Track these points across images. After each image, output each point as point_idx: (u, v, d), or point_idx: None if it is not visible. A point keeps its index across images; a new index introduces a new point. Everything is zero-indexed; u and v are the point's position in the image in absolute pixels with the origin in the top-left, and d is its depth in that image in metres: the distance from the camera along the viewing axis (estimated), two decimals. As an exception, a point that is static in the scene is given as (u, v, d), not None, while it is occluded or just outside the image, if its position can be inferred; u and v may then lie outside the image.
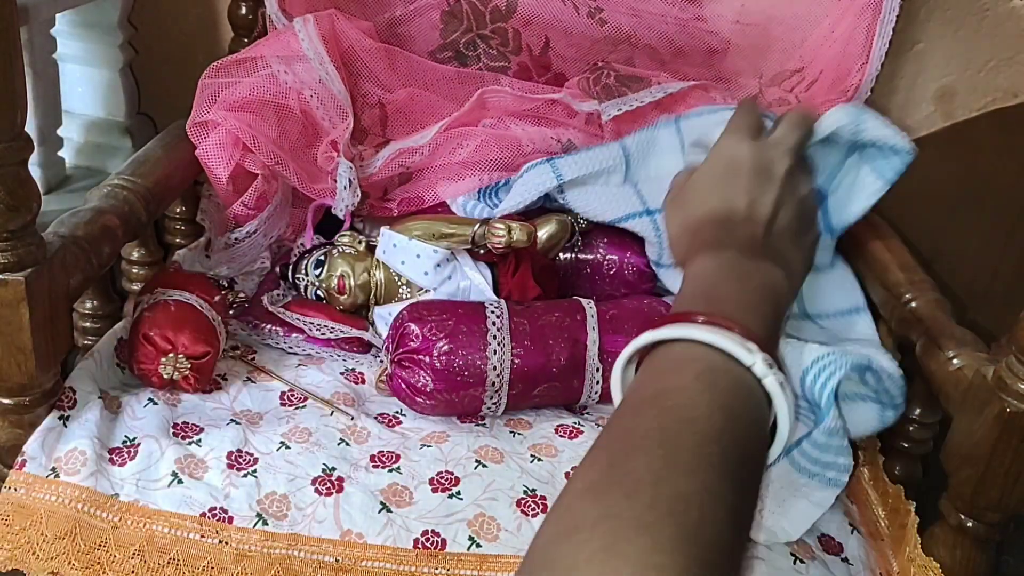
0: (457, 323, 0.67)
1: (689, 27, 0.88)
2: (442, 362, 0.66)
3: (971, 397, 0.57)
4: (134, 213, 0.70)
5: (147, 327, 0.64)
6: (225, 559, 0.55)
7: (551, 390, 0.69)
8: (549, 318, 0.70)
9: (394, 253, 0.75)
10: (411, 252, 0.74)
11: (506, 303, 0.70)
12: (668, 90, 0.82)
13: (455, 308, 0.69)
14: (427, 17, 0.90)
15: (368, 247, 0.77)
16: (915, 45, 0.98)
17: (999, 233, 1.03)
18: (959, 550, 0.59)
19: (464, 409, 0.68)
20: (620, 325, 0.70)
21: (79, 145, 1.08)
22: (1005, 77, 0.97)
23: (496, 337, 0.67)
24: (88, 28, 1.02)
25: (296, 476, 0.59)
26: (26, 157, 0.56)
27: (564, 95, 0.82)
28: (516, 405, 0.69)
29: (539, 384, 0.69)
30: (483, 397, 0.67)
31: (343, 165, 0.78)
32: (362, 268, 0.75)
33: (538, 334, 0.68)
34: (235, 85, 0.79)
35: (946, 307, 0.69)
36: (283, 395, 0.68)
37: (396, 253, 0.75)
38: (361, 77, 0.86)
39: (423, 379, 0.66)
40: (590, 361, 0.69)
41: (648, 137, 0.80)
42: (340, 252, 0.76)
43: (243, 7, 0.93)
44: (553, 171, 0.78)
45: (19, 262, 0.56)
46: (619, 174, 0.79)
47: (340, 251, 0.76)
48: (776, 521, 0.59)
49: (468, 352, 0.66)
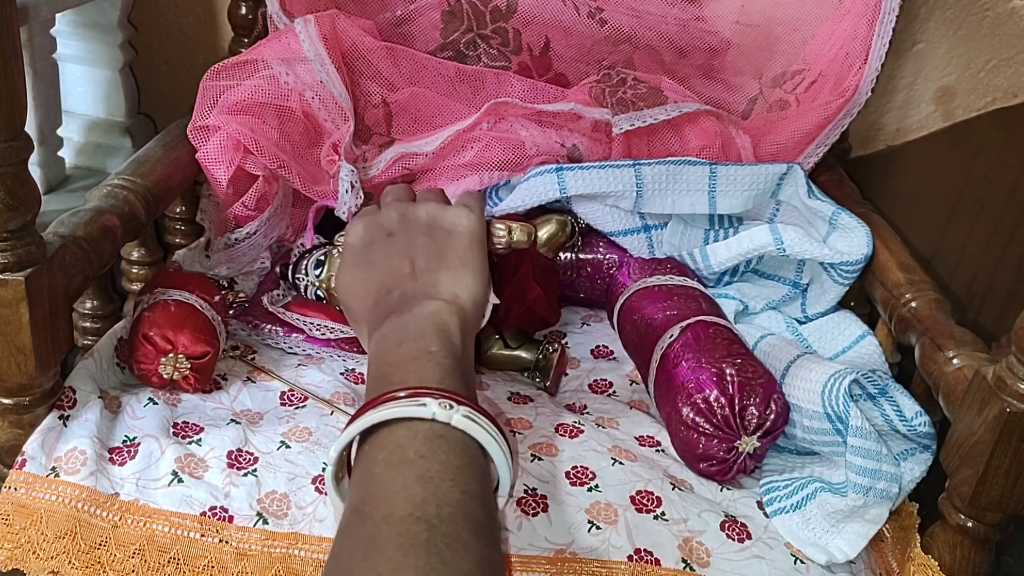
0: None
1: (689, 27, 0.88)
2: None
3: (971, 397, 0.57)
4: (134, 213, 0.70)
5: (147, 327, 0.64)
6: (226, 558, 0.55)
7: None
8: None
9: None
10: None
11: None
12: (684, 109, 0.82)
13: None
14: (427, 17, 0.90)
15: None
16: (915, 45, 0.98)
17: (999, 233, 1.03)
18: (959, 550, 0.59)
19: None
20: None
21: (79, 145, 1.08)
22: (1005, 77, 0.97)
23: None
24: (88, 28, 1.02)
25: (297, 475, 0.59)
26: (26, 157, 0.56)
27: (575, 106, 0.82)
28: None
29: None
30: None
31: (344, 168, 0.78)
32: None
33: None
34: (236, 87, 0.79)
35: (946, 307, 0.69)
36: (283, 395, 0.68)
37: None
38: (364, 76, 0.86)
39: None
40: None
41: (669, 173, 0.77)
42: (340, 252, 0.76)
43: (243, 7, 0.93)
44: (559, 183, 0.77)
45: (19, 262, 0.56)
46: (628, 201, 0.77)
47: (340, 251, 0.76)
48: (831, 540, 0.59)
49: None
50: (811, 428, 0.62)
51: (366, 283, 0.57)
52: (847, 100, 0.84)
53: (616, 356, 0.79)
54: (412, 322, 0.52)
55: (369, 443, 0.45)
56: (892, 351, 0.75)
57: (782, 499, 0.62)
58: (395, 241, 0.57)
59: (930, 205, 1.04)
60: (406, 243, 0.57)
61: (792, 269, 0.79)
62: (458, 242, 0.57)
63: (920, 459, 0.62)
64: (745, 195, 0.78)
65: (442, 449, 0.43)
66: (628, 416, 0.69)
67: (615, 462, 0.62)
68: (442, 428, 0.44)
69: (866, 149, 1.04)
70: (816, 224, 0.79)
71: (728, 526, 0.59)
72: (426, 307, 0.53)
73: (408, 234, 0.58)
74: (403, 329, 0.51)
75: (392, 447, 0.44)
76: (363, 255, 0.58)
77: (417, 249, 0.57)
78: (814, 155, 0.86)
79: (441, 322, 0.52)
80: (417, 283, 0.55)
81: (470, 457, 0.44)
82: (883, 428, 0.62)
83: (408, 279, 0.55)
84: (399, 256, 0.57)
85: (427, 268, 0.56)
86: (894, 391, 0.63)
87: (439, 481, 0.42)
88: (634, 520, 0.58)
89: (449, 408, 0.44)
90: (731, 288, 0.81)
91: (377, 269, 0.57)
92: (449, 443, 0.44)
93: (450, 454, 0.43)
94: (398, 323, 0.52)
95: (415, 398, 0.45)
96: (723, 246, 0.78)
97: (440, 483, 0.42)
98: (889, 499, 0.60)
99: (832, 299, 0.77)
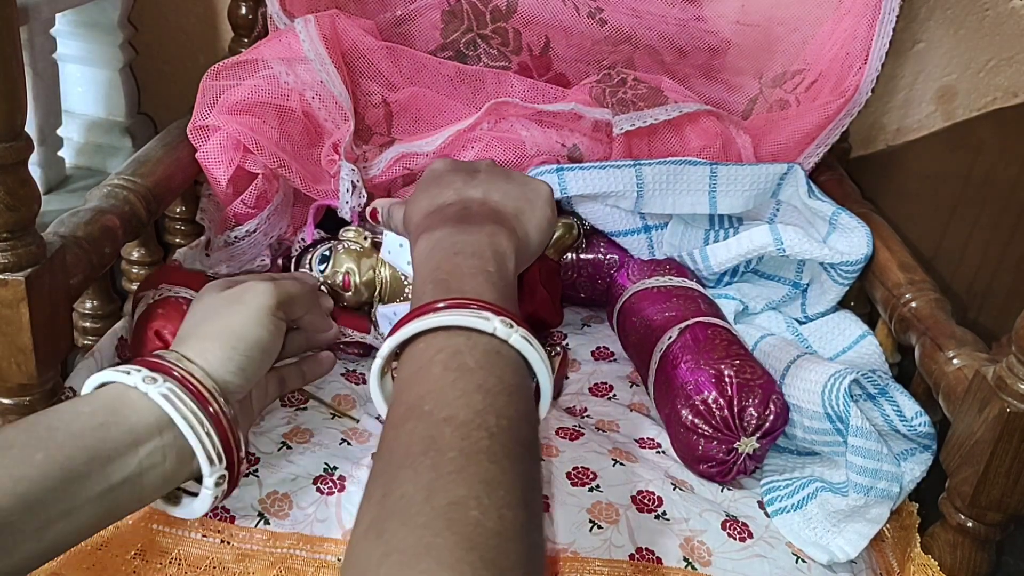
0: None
1: (689, 27, 0.88)
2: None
3: (971, 397, 0.57)
4: (134, 213, 0.70)
5: (160, 323, 0.64)
6: (227, 558, 0.55)
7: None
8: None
9: (400, 254, 0.73)
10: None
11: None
12: (684, 109, 0.82)
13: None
14: (427, 17, 0.90)
15: (373, 244, 0.76)
16: (916, 45, 0.98)
17: (1000, 233, 1.03)
18: (959, 550, 0.59)
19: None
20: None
21: (79, 145, 1.08)
22: (1006, 77, 0.98)
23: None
24: (88, 28, 1.02)
25: (298, 476, 0.59)
26: (26, 157, 0.56)
27: (575, 106, 0.82)
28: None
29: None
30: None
31: (345, 168, 0.78)
32: (367, 265, 0.74)
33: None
34: (236, 87, 0.79)
35: (946, 307, 0.69)
36: (284, 396, 0.68)
37: (402, 253, 0.73)
38: (364, 76, 0.86)
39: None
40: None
41: (670, 173, 0.77)
42: (345, 248, 0.75)
43: (243, 7, 0.93)
44: (559, 183, 0.77)
45: (19, 262, 0.56)
46: (629, 201, 0.77)
47: (345, 247, 0.75)
48: (832, 540, 0.59)
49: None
50: (811, 428, 0.62)
51: (433, 197, 0.57)
52: (847, 100, 0.84)
53: (616, 357, 0.79)
54: (470, 237, 0.52)
55: (424, 342, 0.45)
56: (892, 351, 0.76)
57: (783, 499, 0.62)
58: (477, 176, 0.59)
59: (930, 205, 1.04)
60: (487, 180, 0.58)
61: (792, 269, 0.79)
62: (537, 189, 0.59)
63: (920, 459, 0.62)
64: (746, 195, 0.78)
65: (498, 365, 0.44)
66: (628, 418, 0.69)
67: (616, 463, 0.62)
68: (499, 345, 0.45)
69: (866, 149, 1.04)
70: (816, 224, 0.79)
71: (729, 525, 0.59)
72: (487, 228, 0.53)
73: (491, 175, 0.59)
74: (460, 242, 0.51)
75: (450, 352, 0.44)
76: (441, 177, 0.59)
77: (495, 185, 0.58)
78: (814, 155, 0.86)
79: (499, 246, 0.52)
80: (484, 207, 0.55)
81: (522, 377, 0.45)
82: (883, 428, 0.62)
83: (476, 202, 0.56)
84: (474, 186, 0.57)
85: (499, 200, 0.56)
86: (894, 391, 0.63)
87: (496, 394, 0.42)
88: (635, 520, 0.58)
89: (509, 327, 0.45)
90: (731, 288, 0.81)
91: (449, 188, 0.57)
92: (505, 360, 0.44)
93: (506, 371, 0.44)
94: (456, 233, 0.52)
95: (479, 310, 0.45)
96: (723, 247, 0.78)
97: (497, 396, 0.42)
98: (890, 499, 0.60)
99: (832, 299, 0.77)
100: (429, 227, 0.54)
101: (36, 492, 0.44)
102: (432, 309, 0.45)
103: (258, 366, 0.56)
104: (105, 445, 0.47)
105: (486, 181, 0.58)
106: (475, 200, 0.56)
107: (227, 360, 0.54)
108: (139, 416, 0.49)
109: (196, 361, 0.53)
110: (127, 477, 0.48)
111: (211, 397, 0.51)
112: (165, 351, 0.54)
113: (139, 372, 0.50)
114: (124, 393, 0.50)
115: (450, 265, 0.50)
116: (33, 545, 0.44)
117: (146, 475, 0.49)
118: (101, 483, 0.47)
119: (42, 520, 0.44)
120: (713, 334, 0.67)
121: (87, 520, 0.47)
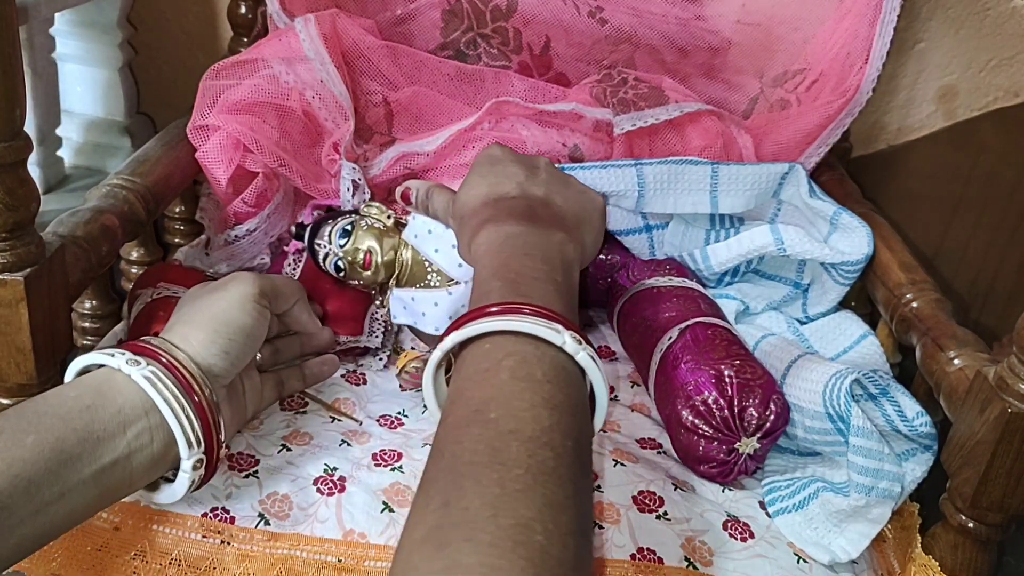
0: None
1: (690, 27, 0.88)
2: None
3: (972, 397, 0.57)
4: (133, 213, 0.70)
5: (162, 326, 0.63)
6: (227, 559, 0.55)
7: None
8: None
9: (427, 240, 0.71)
10: (447, 241, 0.70)
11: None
12: (685, 109, 0.82)
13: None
14: (428, 16, 0.90)
15: (396, 223, 0.73)
16: (917, 44, 0.98)
17: (1001, 233, 1.03)
18: (960, 551, 0.59)
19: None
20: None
21: (78, 145, 1.08)
22: (1007, 76, 0.97)
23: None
24: (87, 27, 1.02)
25: (298, 477, 0.59)
26: (25, 157, 0.56)
27: (576, 106, 0.82)
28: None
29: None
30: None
31: (346, 167, 0.78)
32: (389, 246, 0.71)
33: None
34: (236, 87, 0.79)
35: (947, 307, 0.69)
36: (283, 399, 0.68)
37: (430, 240, 0.71)
38: (364, 75, 0.86)
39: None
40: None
41: (671, 172, 0.76)
42: (368, 225, 0.72)
43: (243, 6, 0.93)
44: None
45: (18, 262, 0.56)
46: (630, 200, 0.77)
47: (368, 224, 0.72)
48: (834, 540, 0.59)
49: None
50: (813, 428, 0.62)
51: (492, 186, 0.55)
52: (848, 99, 0.83)
53: (618, 357, 0.79)
54: (541, 241, 0.51)
55: (490, 343, 0.44)
56: (893, 351, 0.75)
57: (784, 499, 0.62)
58: (538, 173, 0.58)
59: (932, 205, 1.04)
60: (548, 181, 0.57)
61: (793, 269, 0.79)
62: (594, 200, 0.59)
63: (921, 459, 0.62)
64: (747, 195, 0.78)
65: (566, 381, 0.43)
66: (629, 419, 0.69)
67: (616, 463, 0.62)
68: (566, 360, 0.43)
69: (867, 148, 1.04)
70: (817, 224, 0.79)
71: (731, 526, 0.59)
72: (556, 235, 0.52)
73: (551, 176, 0.58)
74: (531, 244, 0.50)
75: (519, 359, 0.42)
76: (501, 166, 0.58)
77: (556, 188, 0.56)
78: (815, 155, 0.85)
79: (567, 255, 0.51)
80: (548, 210, 0.54)
81: (584, 397, 0.44)
82: (884, 428, 0.62)
83: (539, 202, 0.54)
84: (537, 184, 0.56)
85: (561, 206, 0.55)
86: (895, 391, 0.62)
87: (562, 412, 0.41)
88: (637, 520, 0.58)
89: (577, 343, 0.43)
90: (732, 288, 0.81)
91: (511, 180, 0.56)
92: (571, 377, 0.43)
93: (571, 388, 0.43)
94: (527, 233, 0.51)
95: (550, 320, 0.43)
96: (724, 247, 0.78)
97: (563, 414, 0.41)
98: (892, 499, 0.59)
99: (833, 299, 0.77)
100: (493, 218, 0.52)
101: (29, 473, 0.44)
102: (505, 310, 0.44)
103: (242, 349, 0.56)
104: (94, 426, 0.47)
105: (547, 182, 0.56)
106: (538, 199, 0.54)
107: (210, 343, 0.54)
108: (125, 398, 0.49)
109: (180, 346, 0.53)
110: (117, 458, 0.48)
111: (192, 379, 0.52)
112: (150, 337, 0.54)
113: (123, 355, 0.50)
114: (110, 376, 0.50)
115: (520, 265, 0.48)
116: (30, 528, 0.44)
117: (135, 456, 0.49)
118: (92, 464, 0.47)
119: (37, 502, 0.44)
120: (713, 334, 0.67)
121: (81, 502, 0.47)
